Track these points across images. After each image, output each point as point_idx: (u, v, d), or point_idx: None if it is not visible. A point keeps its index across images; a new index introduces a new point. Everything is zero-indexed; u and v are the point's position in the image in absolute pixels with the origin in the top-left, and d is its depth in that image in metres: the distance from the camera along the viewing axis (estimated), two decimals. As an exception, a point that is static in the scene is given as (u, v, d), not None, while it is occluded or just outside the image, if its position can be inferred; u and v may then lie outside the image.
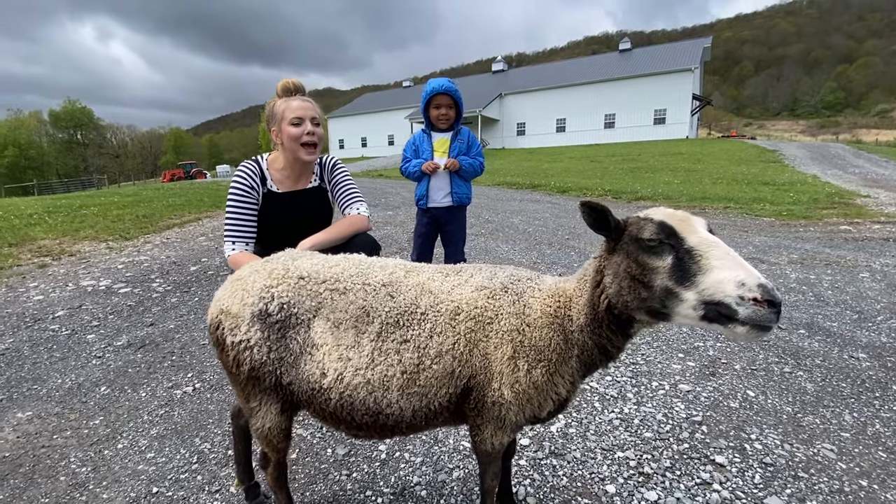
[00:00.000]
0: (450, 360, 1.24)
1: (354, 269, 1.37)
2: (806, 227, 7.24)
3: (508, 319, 1.25)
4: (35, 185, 39.11)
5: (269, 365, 1.27)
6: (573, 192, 12.14)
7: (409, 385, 1.24)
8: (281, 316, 1.28)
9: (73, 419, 2.35)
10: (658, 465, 1.93)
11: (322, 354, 1.26)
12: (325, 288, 1.32)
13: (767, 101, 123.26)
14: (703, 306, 0.97)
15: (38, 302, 4.11)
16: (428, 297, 1.30)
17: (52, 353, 3.11)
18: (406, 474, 1.91)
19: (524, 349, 1.23)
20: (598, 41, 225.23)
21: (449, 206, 3.31)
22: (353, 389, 1.24)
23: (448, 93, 3.11)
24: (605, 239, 1.18)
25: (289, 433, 1.40)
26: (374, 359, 1.24)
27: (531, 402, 1.26)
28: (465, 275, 1.37)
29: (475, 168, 3.31)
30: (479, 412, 1.29)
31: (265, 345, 1.27)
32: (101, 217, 8.53)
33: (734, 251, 1.01)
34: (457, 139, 3.27)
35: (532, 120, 40.45)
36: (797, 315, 3.57)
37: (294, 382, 1.29)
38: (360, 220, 2.31)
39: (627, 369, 2.74)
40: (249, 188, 2.20)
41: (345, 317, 1.28)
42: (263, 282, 1.31)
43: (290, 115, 2.13)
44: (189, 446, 2.11)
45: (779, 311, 0.92)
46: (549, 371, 1.24)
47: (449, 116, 3.19)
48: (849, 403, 2.38)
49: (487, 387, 1.25)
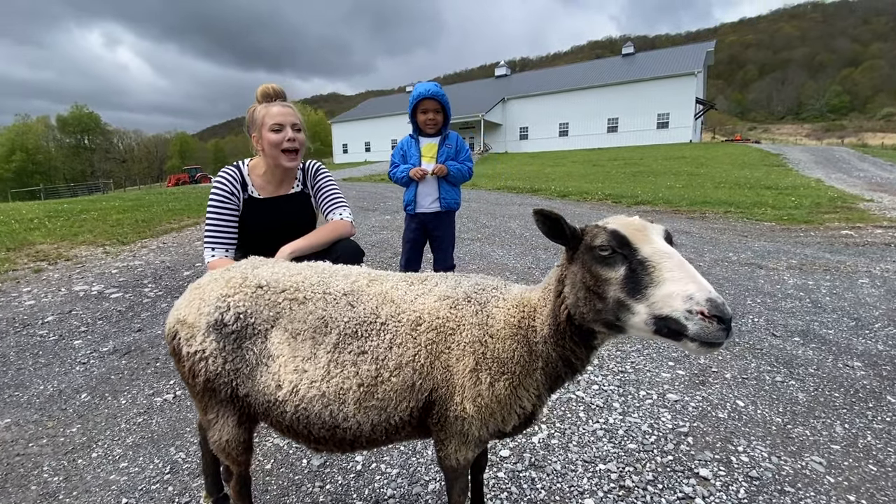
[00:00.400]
0: (410, 372, 1.20)
1: (316, 278, 1.34)
2: (807, 231, 7.15)
3: (470, 330, 1.21)
4: (42, 190, 39.47)
5: (224, 376, 1.24)
6: (573, 196, 12.09)
7: (366, 398, 1.20)
8: (237, 326, 1.24)
9: (51, 427, 2.32)
10: (640, 479, 1.88)
11: (278, 366, 1.23)
12: (283, 297, 1.28)
13: (772, 105, 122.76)
14: (654, 321, 0.93)
15: (29, 307, 4.10)
16: (389, 306, 1.26)
17: (38, 359, 3.09)
18: (381, 486, 1.86)
19: (486, 361, 1.19)
20: (601, 45, 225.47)
21: (437, 212, 3.28)
22: (308, 402, 1.21)
23: (435, 97, 3.07)
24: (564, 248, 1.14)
25: (249, 446, 1.36)
26: (329, 371, 1.21)
27: (494, 417, 1.21)
28: (429, 283, 1.33)
29: (463, 173, 3.27)
30: (442, 426, 1.25)
31: (220, 355, 1.24)
32: (101, 222, 8.56)
33: (688, 263, 0.96)
34: (445, 144, 3.23)
35: (535, 124, 40.46)
36: (793, 322, 3.50)
37: (250, 394, 1.26)
38: (342, 225, 2.28)
39: (615, 378, 2.69)
40: (229, 194, 2.18)
41: (303, 327, 1.25)
42: (220, 291, 1.28)
43: (270, 122, 2.10)
44: (164, 456, 2.07)
45: (728, 326, 0.87)
46: (512, 384, 1.20)
47: (436, 121, 3.15)
48: (841, 414, 2.32)
49: (450, 400, 1.21)
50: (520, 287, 1.33)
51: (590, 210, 9.88)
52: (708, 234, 7.07)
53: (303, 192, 2.38)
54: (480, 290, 1.29)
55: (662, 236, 1.04)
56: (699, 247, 6.18)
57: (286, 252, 2.06)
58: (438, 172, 3.18)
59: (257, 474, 1.95)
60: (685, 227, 7.66)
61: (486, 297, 1.27)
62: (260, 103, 2.17)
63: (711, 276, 4.72)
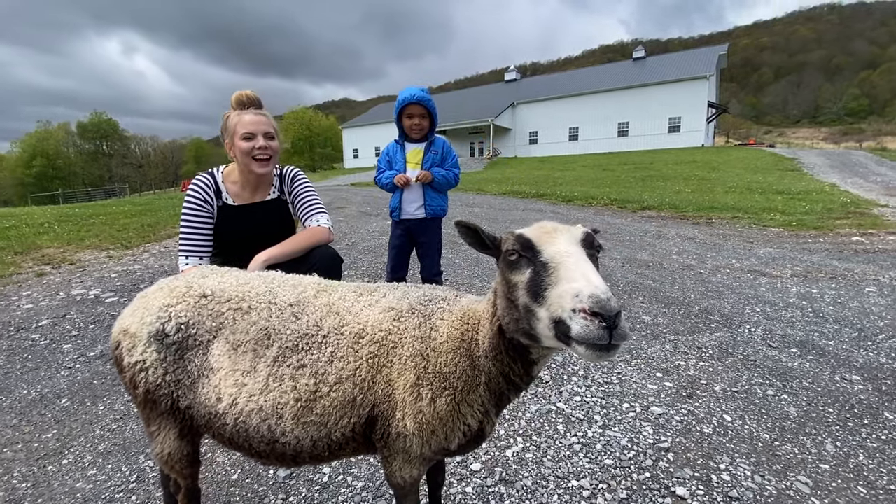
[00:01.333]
0: (350, 387, 1.16)
1: (263, 288, 1.31)
2: (815, 238, 6.96)
3: (412, 343, 1.17)
4: (60, 194, 40.43)
5: (164, 388, 1.21)
6: (578, 201, 11.97)
7: (304, 413, 1.16)
8: (178, 337, 1.22)
9: (28, 432, 2.33)
10: (613, 496, 1.81)
11: (218, 378, 1.20)
12: (227, 307, 1.25)
13: (788, 109, 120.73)
14: (553, 325, 0.86)
15: (26, 311, 4.16)
16: (333, 318, 1.23)
17: (26, 363, 3.12)
18: (345, 499, 1.82)
19: (428, 376, 1.15)
20: (613, 50, 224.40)
21: (422, 218, 3.23)
22: (246, 416, 1.17)
23: (420, 102, 3.03)
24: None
25: (193, 459, 1.33)
26: (268, 384, 1.17)
27: (436, 434, 1.16)
28: (377, 294, 1.30)
29: (449, 180, 3.22)
30: (386, 443, 1.21)
31: (161, 366, 1.21)
32: (108, 226, 8.70)
33: (587, 261, 0.90)
34: (431, 150, 3.19)
35: (545, 129, 40.34)
36: (791, 332, 3.38)
37: (192, 406, 1.23)
38: (320, 232, 2.26)
39: (599, 389, 2.62)
40: (203, 202, 2.17)
41: (245, 338, 1.22)
42: (163, 300, 1.26)
43: (241, 130, 2.10)
44: (132, 464, 2.06)
45: (610, 326, 0.77)
46: (454, 400, 1.15)
47: (422, 126, 3.11)
48: (833, 431, 2.22)
49: (391, 416, 1.17)
50: (469, 298, 1.28)
51: (593, 215, 9.77)
52: (712, 241, 6.92)
53: (279, 199, 2.36)
54: (427, 301, 1.25)
55: (578, 238, 0.97)
56: (702, 253, 6.05)
57: (260, 260, 2.04)
58: (422, 179, 3.14)
59: (222, 485, 1.92)
60: (689, 233, 7.51)
61: (431, 308, 1.23)
62: (234, 110, 2.16)
63: (711, 284, 4.61)
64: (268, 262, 2.04)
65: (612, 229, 7.96)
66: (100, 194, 42.75)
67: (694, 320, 3.65)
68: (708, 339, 3.30)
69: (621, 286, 4.56)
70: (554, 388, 2.64)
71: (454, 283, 4.78)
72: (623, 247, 6.48)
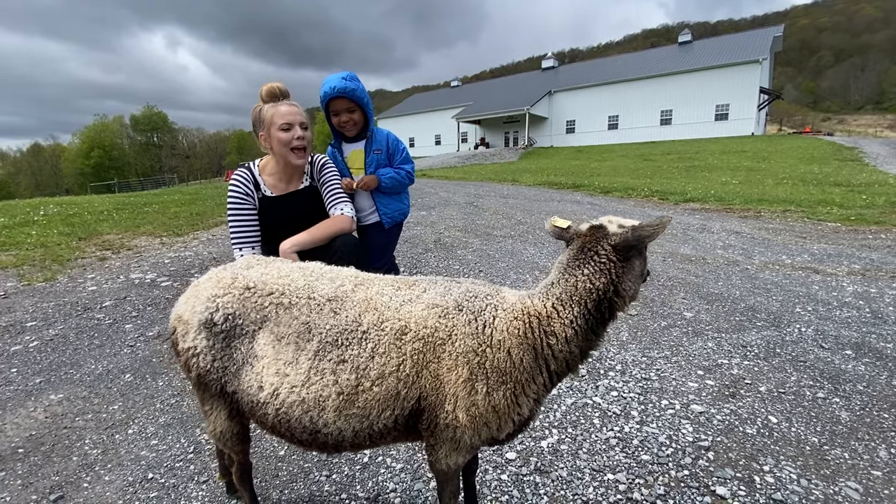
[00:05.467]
0: (394, 381, 1.20)
1: (302, 282, 1.34)
2: (876, 234, 6.51)
3: (463, 340, 1.19)
4: (116, 184, 43.00)
5: (213, 373, 1.30)
6: (617, 192, 11.65)
7: (346, 407, 1.20)
8: (226, 326, 1.29)
9: (97, 403, 2.55)
10: (650, 492, 1.80)
11: (261, 367, 1.25)
12: (270, 301, 1.30)
13: (849, 94, 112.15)
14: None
15: (91, 292, 4.49)
16: (372, 314, 1.25)
17: (93, 341, 3.39)
18: (384, 480, 1.90)
19: (483, 371, 1.18)
20: (657, 34, 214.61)
21: (377, 222, 2.78)
22: (288, 407, 1.22)
23: (343, 95, 2.47)
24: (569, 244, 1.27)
25: (244, 437, 1.42)
26: (309, 377, 1.21)
27: (489, 426, 1.21)
28: (416, 290, 1.32)
29: (400, 180, 2.74)
30: (433, 432, 1.25)
31: (209, 353, 1.29)
32: (161, 214, 9.22)
33: None
34: (372, 150, 2.67)
35: (582, 117, 39.31)
36: (846, 333, 3.21)
37: (237, 392, 1.30)
38: (343, 220, 2.33)
39: (637, 385, 2.59)
40: (245, 195, 2.28)
41: (287, 331, 1.26)
42: (212, 291, 1.34)
43: (279, 121, 2.17)
44: (190, 436, 2.22)
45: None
46: (513, 393, 1.20)
47: (353, 121, 2.58)
48: (887, 437, 2.11)
49: (439, 409, 1.21)
50: (509, 291, 1.31)
51: (633, 207, 9.49)
52: (761, 235, 6.60)
53: (311, 186, 2.45)
54: (473, 298, 1.27)
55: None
56: (749, 248, 5.79)
57: (286, 246, 2.15)
58: (365, 187, 2.66)
59: (270, 459, 2.05)
60: (736, 227, 7.19)
61: (479, 305, 1.25)
62: (266, 102, 2.23)
63: (758, 281, 4.42)
64: (294, 248, 2.16)
65: (652, 222, 7.71)
66: (151, 184, 45.21)
67: (739, 318, 3.53)
68: (753, 337, 3.18)
69: (662, 281, 4.45)
70: (590, 382, 2.63)
71: (489, 276, 4.80)
72: (664, 240, 6.28)
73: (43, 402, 2.56)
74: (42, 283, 4.70)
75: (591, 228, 1.21)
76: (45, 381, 2.79)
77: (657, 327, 3.38)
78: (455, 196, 11.54)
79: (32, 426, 2.33)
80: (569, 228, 1.25)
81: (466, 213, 8.95)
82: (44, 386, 2.73)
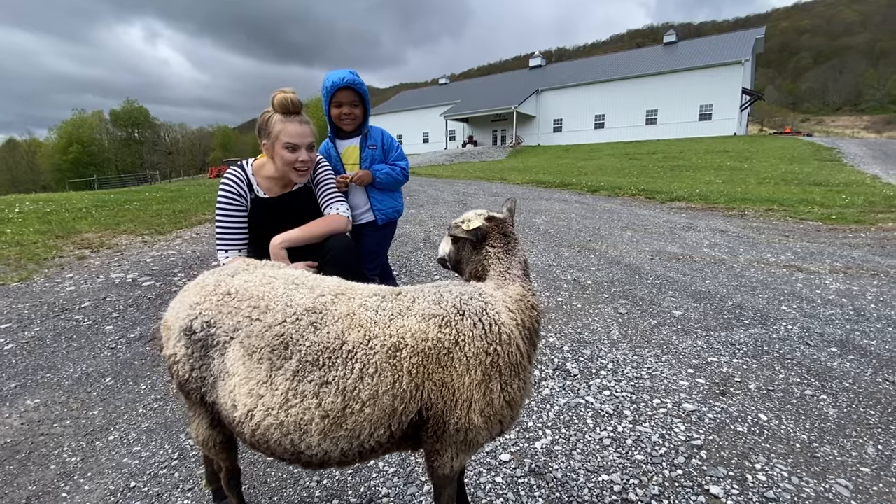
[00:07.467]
0: (389, 399, 1.13)
1: (282, 289, 1.27)
2: (857, 232, 6.67)
3: (472, 344, 1.16)
4: (95, 180, 41.93)
5: (192, 382, 1.25)
6: (604, 191, 11.74)
7: (332, 430, 1.13)
8: (203, 334, 1.23)
9: (75, 409, 2.45)
10: (644, 493, 1.80)
11: (233, 384, 1.17)
12: (245, 306, 1.23)
13: (827, 96, 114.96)
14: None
15: (69, 293, 4.35)
16: (357, 331, 1.16)
17: (71, 343, 3.27)
18: (376, 484, 1.86)
19: (497, 370, 1.17)
20: (642, 34, 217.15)
21: (372, 221, 2.81)
22: (265, 430, 1.14)
23: (352, 86, 2.57)
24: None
25: (228, 444, 1.37)
26: (288, 400, 1.12)
27: (503, 421, 1.22)
28: (405, 300, 1.24)
29: (395, 176, 2.77)
30: (439, 438, 1.21)
31: (188, 362, 1.24)
32: (142, 212, 8.99)
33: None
34: (367, 145, 2.72)
35: (569, 116, 39.58)
36: (831, 331, 3.26)
37: (216, 403, 1.24)
38: (337, 220, 2.29)
39: (629, 384, 2.59)
40: (237, 196, 2.22)
41: (260, 344, 1.16)
42: (194, 297, 1.28)
43: (285, 139, 2.10)
44: (174, 442, 2.15)
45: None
46: (524, 380, 1.23)
47: (354, 115, 2.64)
48: (874, 434, 2.14)
49: (449, 415, 1.17)
50: (487, 286, 1.31)
51: (620, 205, 9.57)
52: (745, 234, 6.70)
53: (306, 187, 2.40)
54: (469, 299, 1.23)
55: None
56: (734, 247, 5.87)
57: (277, 241, 2.11)
58: (359, 182, 2.69)
59: (259, 465, 1.99)
60: (721, 226, 7.29)
61: (477, 306, 1.21)
62: (276, 112, 2.13)
63: (744, 279, 4.48)
64: (284, 243, 2.12)
65: (640, 221, 7.79)
66: (132, 180, 44.16)
67: (727, 316, 3.56)
68: (742, 335, 3.21)
69: (650, 279, 4.48)
70: (582, 381, 2.63)
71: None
72: (651, 239, 6.34)
73: (18, 407, 2.45)
74: (17, 282, 4.54)
75: (493, 220, 1.41)
76: (20, 385, 2.68)
77: (647, 326, 3.40)
78: (444, 194, 11.49)
79: (7, 433, 2.23)
80: (480, 228, 1.39)
81: (456, 211, 8.92)
82: (19, 391, 2.62)
